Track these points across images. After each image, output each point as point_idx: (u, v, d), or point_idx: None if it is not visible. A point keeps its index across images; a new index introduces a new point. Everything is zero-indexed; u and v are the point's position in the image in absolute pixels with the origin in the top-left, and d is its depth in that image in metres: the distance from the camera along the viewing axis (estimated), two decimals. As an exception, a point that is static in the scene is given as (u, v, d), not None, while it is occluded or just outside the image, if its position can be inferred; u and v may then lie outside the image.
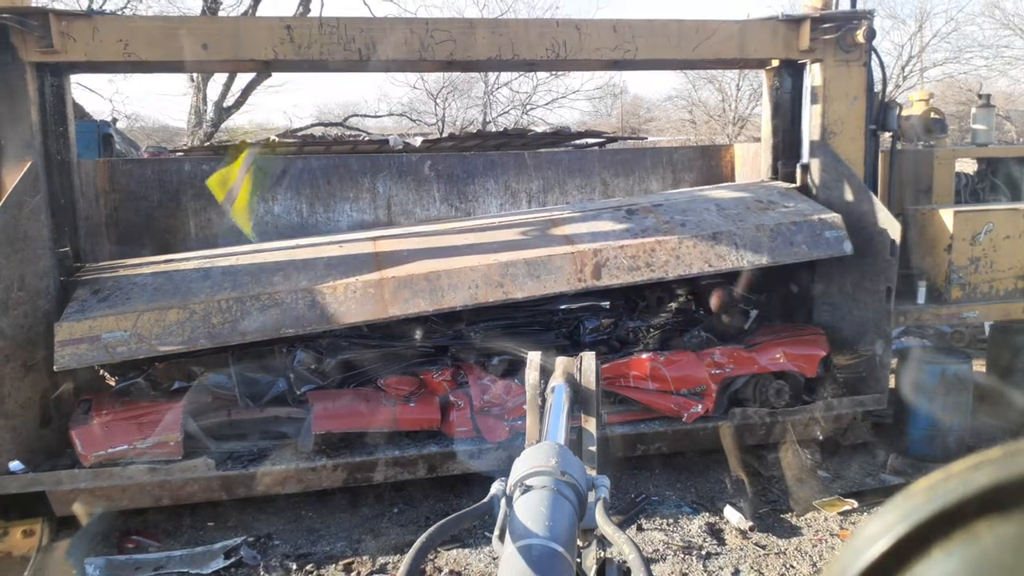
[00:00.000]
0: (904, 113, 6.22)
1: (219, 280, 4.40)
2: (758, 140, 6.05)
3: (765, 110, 5.75)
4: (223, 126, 17.18)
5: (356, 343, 4.86)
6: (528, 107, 26.54)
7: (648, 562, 1.07)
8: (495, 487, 1.21)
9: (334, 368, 4.76)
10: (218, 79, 16.06)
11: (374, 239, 4.88)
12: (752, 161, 6.17)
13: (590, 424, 1.57)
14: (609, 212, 5.11)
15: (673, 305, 5.34)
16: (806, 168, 5.42)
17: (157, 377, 4.62)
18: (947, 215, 5.48)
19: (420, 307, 4.38)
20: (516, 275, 4.49)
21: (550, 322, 5.24)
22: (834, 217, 4.98)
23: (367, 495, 4.88)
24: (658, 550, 4.24)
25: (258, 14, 15.16)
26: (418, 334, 4.91)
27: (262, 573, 4.12)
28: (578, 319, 5.24)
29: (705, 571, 4.07)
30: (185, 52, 4.40)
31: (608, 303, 5.29)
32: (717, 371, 4.91)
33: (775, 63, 5.45)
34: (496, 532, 1.13)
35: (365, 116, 22.23)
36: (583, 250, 4.61)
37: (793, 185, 5.46)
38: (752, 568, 4.09)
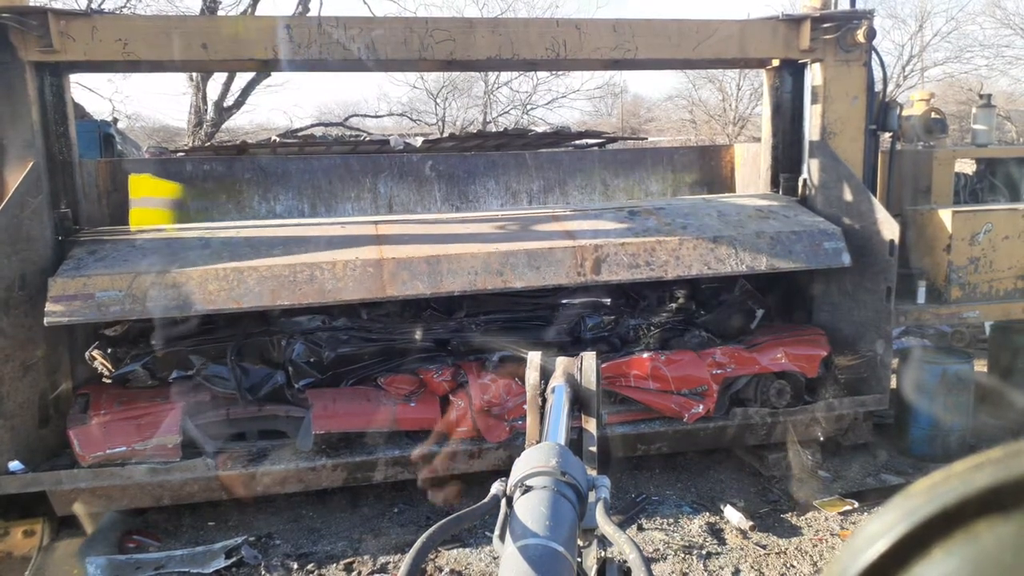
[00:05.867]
0: (905, 113, 6.22)
1: (218, 249, 4.37)
2: (758, 140, 6.05)
3: (766, 110, 5.75)
4: (224, 126, 17.17)
5: (355, 336, 4.85)
6: (528, 107, 26.55)
7: (649, 562, 1.07)
8: (495, 487, 1.21)
9: (333, 362, 4.75)
10: (218, 79, 16.06)
11: (376, 223, 4.88)
12: (752, 161, 6.17)
13: (590, 424, 1.56)
14: (612, 212, 5.12)
15: (673, 305, 5.34)
16: (807, 182, 5.44)
17: (155, 366, 4.60)
18: (946, 215, 5.48)
19: (418, 289, 4.36)
20: (516, 265, 4.49)
21: (551, 317, 5.24)
22: (834, 229, 5.00)
23: (367, 495, 4.89)
24: (658, 550, 4.24)
25: (257, 13, 15.16)
26: (418, 329, 4.91)
27: (263, 573, 4.12)
28: (579, 315, 5.24)
29: (705, 571, 4.07)
30: (184, 51, 4.40)
31: (609, 300, 5.29)
32: (718, 371, 4.90)
33: (776, 63, 5.46)
34: (496, 532, 1.12)
35: (365, 116, 22.21)
36: (584, 245, 4.62)
37: (794, 198, 5.48)
38: (752, 568, 4.09)
